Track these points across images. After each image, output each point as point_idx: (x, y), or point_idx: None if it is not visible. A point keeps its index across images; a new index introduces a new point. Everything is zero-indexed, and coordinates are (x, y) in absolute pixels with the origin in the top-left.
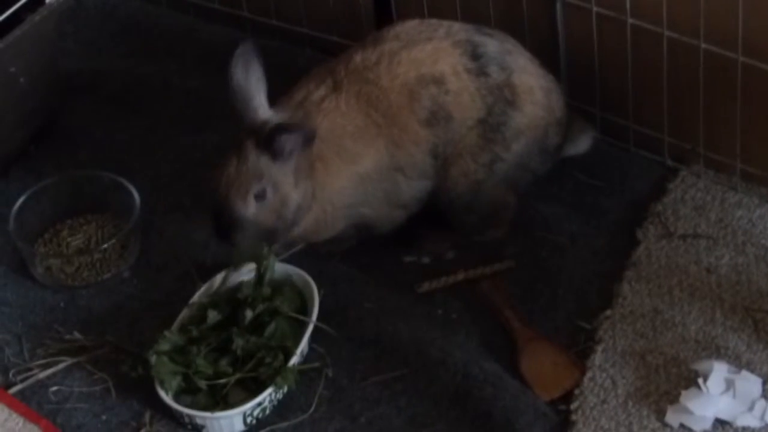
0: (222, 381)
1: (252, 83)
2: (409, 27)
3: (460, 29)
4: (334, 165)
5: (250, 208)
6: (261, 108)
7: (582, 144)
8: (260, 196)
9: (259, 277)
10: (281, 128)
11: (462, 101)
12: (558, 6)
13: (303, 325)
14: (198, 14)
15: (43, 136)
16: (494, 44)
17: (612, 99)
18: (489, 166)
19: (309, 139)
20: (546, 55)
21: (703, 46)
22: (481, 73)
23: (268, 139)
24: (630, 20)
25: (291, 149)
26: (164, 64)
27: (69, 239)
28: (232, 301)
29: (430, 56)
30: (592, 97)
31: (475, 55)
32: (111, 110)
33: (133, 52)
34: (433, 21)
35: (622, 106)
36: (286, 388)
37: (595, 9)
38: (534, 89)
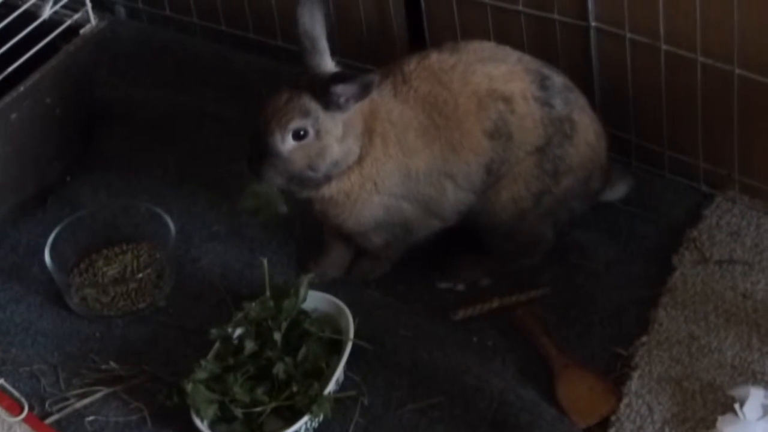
0: (258, 409)
1: (317, 29)
2: (486, 46)
3: (531, 60)
4: (393, 149)
5: (287, 144)
6: (324, 55)
7: (619, 190)
8: (300, 135)
9: (275, 296)
10: (338, 77)
11: (525, 125)
12: (592, 32)
13: (337, 353)
14: (232, 43)
15: (79, 166)
16: (560, 79)
17: (647, 125)
18: (538, 197)
19: (366, 90)
20: (579, 81)
21: (738, 71)
22: (547, 103)
23: (323, 87)
24: (664, 46)
25: (346, 100)
26: (198, 93)
27: (104, 269)
28: (260, 329)
29: (504, 75)
30: (626, 124)
31: (544, 85)
32: (146, 139)
33: (167, 81)
34: (508, 47)
35: (657, 132)
36: (322, 417)
37: (628, 35)
38: (589, 130)
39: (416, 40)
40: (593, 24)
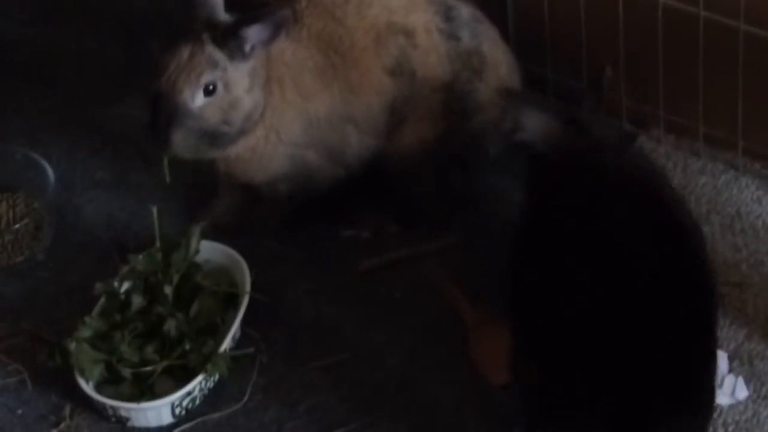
0: (148, 369)
1: None
2: None
3: None
4: (290, 94)
5: (197, 100)
6: (218, 6)
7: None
8: (210, 91)
9: (165, 248)
10: (248, 19)
11: (429, 61)
12: None
13: (233, 307)
14: None
15: None
16: (467, 10)
17: (564, 60)
18: (446, 138)
19: (278, 30)
20: (491, 12)
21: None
22: (452, 35)
23: (230, 33)
24: None
25: (253, 46)
26: (78, 29)
27: None
28: (149, 283)
29: (404, 7)
30: (542, 58)
31: (449, 16)
32: (21, 80)
33: (43, 17)
34: None
35: (575, 67)
36: (217, 376)
37: None
38: (501, 64)
39: None
40: None
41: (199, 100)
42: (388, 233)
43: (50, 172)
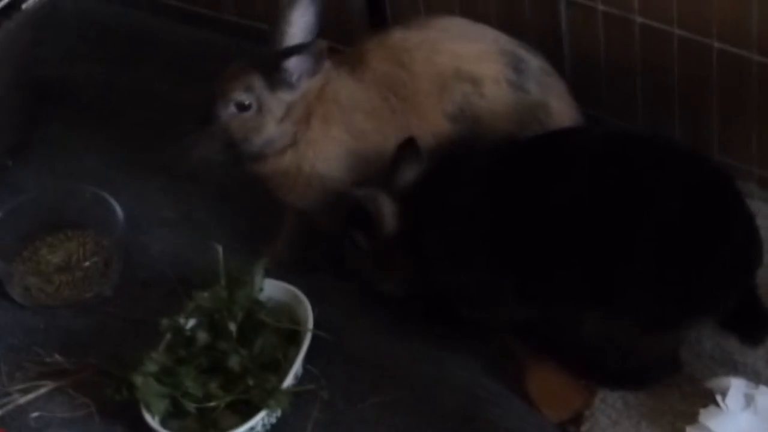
0: (212, 404)
1: (295, 15)
2: (458, 22)
3: (508, 41)
4: (336, 131)
5: (227, 111)
6: (284, 39)
7: None
8: (244, 107)
9: (230, 285)
10: (288, 51)
11: (495, 110)
12: (561, 5)
13: (295, 344)
14: (180, 18)
15: (20, 149)
16: (536, 62)
17: (620, 103)
18: None
19: (318, 61)
20: (549, 58)
21: (717, 45)
22: (521, 88)
23: (275, 63)
24: (638, 19)
25: (299, 76)
26: (145, 71)
27: (49, 257)
28: (213, 320)
29: (475, 56)
30: (599, 102)
31: (518, 68)
32: (91, 121)
33: (112, 59)
34: (482, 26)
35: (632, 110)
36: (279, 412)
37: (600, 8)
38: (565, 118)
39: (377, 15)
40: None
41: (229, 111)
42: None
43: (119, 210)
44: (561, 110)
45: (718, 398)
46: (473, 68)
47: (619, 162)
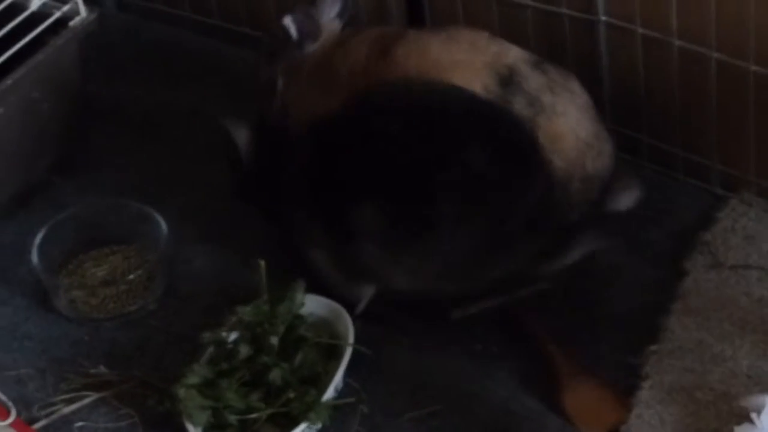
0: (253, 416)
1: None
2: (477, 36)
3: (519, 58)
4: None
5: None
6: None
7: (625, 201)
8: None
9: (272, 300)
10: None
11: None
12: (601, 27)
13: (335, 358)
14: (225, 38)
15: (66, 164)
16: (538, 80)
17: (658, 124)
18: None
19: None
20: (588, 78)
21: (753, 68)
22: (505, 101)
23: None
24: (677, 42)
25: None
26: (190, 89)
27: (93, 270)
28: (255, 333)
29: (457, 65)
30: (637, 123)
31: (506, 83)
32: (135, 137)
33: (158, 76)
34: (501, 40)
35: (669, 131)
36: (320, 425)
37: (639, 30)
38: (565, 138)
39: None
40: (602, 18)
41: None
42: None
43: (163, 225)
44: (557, 131)
45: (753, 416)
46: (449, 76)
47: (424, 114)
